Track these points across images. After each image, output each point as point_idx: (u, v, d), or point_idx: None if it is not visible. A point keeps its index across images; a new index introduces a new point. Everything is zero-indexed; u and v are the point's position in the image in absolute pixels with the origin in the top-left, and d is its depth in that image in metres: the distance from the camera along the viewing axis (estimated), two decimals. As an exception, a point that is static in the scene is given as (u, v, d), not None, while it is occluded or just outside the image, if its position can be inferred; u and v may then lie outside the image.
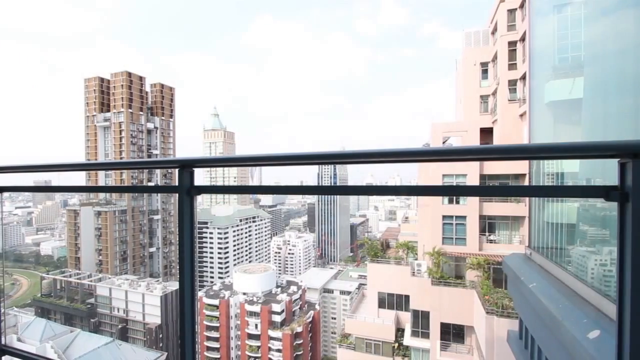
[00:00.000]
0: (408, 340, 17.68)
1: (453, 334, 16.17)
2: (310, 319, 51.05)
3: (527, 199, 10.80)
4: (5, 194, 1.69)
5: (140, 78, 71.16)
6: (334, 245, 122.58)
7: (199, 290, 59.19)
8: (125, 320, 52.48)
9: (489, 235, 17.06)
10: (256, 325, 47.51)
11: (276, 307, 47.42)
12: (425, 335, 16.85)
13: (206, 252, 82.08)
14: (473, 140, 17.60)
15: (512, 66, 16.88)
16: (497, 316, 12.63)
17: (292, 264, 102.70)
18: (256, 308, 47.61)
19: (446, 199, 17.33)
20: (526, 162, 9.50)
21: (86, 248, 64.69)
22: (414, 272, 18.30)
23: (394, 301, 19.58)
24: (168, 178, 70.32)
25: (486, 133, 18.54)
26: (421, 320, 17.19)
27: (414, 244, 20.73)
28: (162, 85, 74.85)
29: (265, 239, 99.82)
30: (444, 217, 17.46)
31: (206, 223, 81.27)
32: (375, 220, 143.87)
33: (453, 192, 2.09)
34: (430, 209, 18.08)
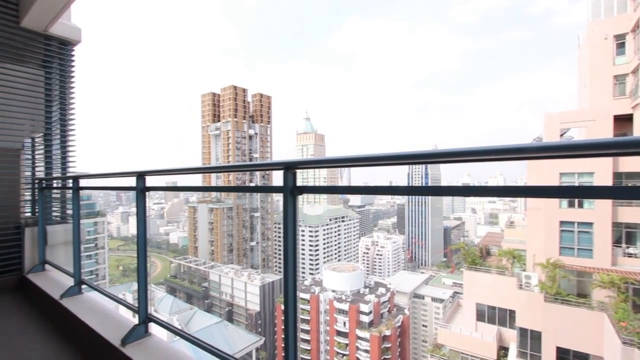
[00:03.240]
0: (514, 361, 15.61)
1: (574, 362, 13.64)
2: (399, 323, 49.41)
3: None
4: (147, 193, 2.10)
5: (244, 90, 79.82)
6: (425, 249, 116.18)
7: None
8: (231, 304, 59.39)
9: (627, 247, 13.85)
10: (344, 323, 48.25)
11: (364, 308, 47.35)
12: (536, 358, 14.62)
13: (300, 245, 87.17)
14: (603, 131, 14.52)
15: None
16: None
17: (380, 266, 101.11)
18: (344, 306, 48.37)
19: (565, 201, 14.74)
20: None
21: (202, 239, 75.69)
22: (521, 285, 16.06)
23: (495, 315, 17.53)
24: (266, 179, 76.95)
25: (622, 121, 15.11)
26: (531, 341, 14.97)
27: (521, 252, 18.17)
28: (261, 94, 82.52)
29: (354, 239, 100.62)
30: (562, 222, 14.87)
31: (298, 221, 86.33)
32: (472, 223, 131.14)
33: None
34: (543, 213, 15.61)
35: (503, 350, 16.91)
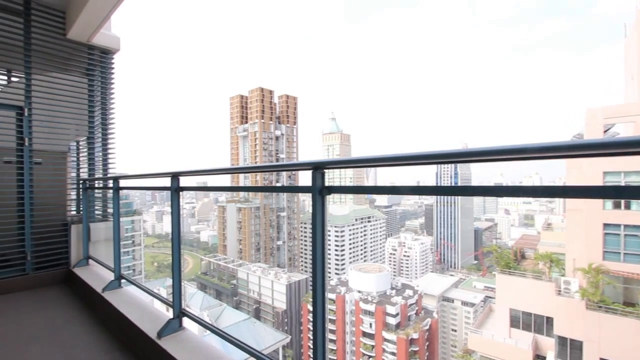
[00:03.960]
0: (552, 371, 14.76)
1: (620, 375, 12.67)
2: (428, 326, 48.21)
3: None
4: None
5: (270, 92, 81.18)
6: (454, 251, 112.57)
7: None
8: (258, 302, 60.57)
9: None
10: (370, 325, 47.77)
11: (391, 309, 46.63)
12: (577, 369, 13.74)
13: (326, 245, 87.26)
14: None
15: None
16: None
17: (407, 267, 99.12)
18: (371, 307, 47.89)
19: (609, 202, 13.75)
20: None
21: (231, 238, 77.76)
22: (559, 291, 15.15)
23: (531, 322, 16.66)
24: (292, 179, 77.76)
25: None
26: (570, 351, 14.09)
27: (560, 256, 17.14)
28: (287, 96, 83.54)
29: (380, 240, 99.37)
30: (606, 225, 13.87)
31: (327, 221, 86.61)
32: (505, 225, 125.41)
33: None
34: (584, 215, 14.64)
35: (539, 359, 16.04)
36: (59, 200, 4.07)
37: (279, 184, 79.08)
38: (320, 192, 1.27)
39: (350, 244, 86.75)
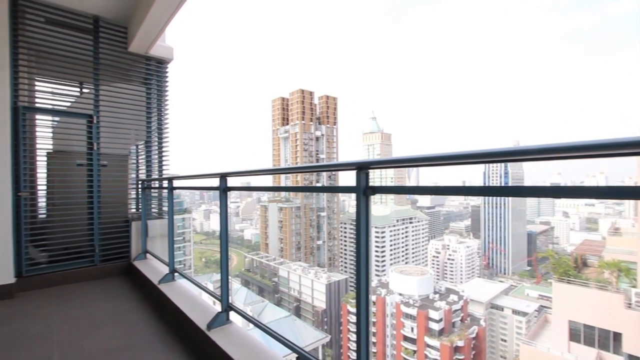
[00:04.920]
0: (619, 392, 13.27)
1: None
2: (474, 335, 45.73)
3: None
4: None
5: (311, 93, 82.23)
6: (504, 256, 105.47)
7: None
8: (298, 300, 61.57)
9: None
10: (412, 329, 46.39)
11: (433, 314, 44.92)
12: (651, 393, 12.22)
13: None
14: None
15: None
16: None
17: (452, 271, 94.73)
18: (412, 311, 46.53)
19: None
20: None
21: (272, 236, 79.96)
22: (630, 304, 13.59)
23: (594, 336, 15.12)
24: (332, 179, 78.07)
25: None
26: (643, 371, 12.57)
27: (631, 265, 15.36)
28: (327, 96, 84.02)
29: (423, 242, 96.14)
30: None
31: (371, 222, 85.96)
32: (564, 229, 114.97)
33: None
34: (660, 220, 12.96)
35: (605, 378, 14.52)
36: (122, 199, 4.48)
37: (319, 184, 79.77)
38: (364, 192, 1.26)
39: (391, 245, 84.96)
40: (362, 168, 1.26)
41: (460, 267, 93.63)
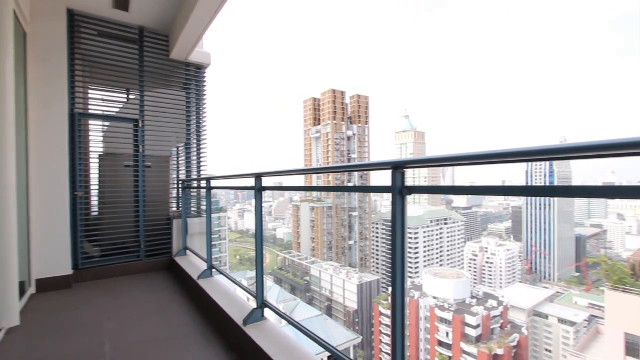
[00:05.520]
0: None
1: None
2: (515, 343, 43.27)
3: None
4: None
5: (342, 93, 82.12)
6: (549, 260, 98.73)
7: (390, 286, 61.71)
8: (330, 299, 61.69)
9: None
10: (447, 334, 44.80)
11: (470, 320, 43.07)
12: None
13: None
14: None
15: None
16: None
17: (490, 275, 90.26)
18: (447, 315, 44.93)
19: None
20: None
21: (304, 236, 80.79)
22: (698, 318, 12.20)
23: (656, 352, 13.75)
24: (364, 179, 77.46)
25: None
26: None
27: (699, 275, 13.78)
28: (359, 96, 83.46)
29: (458, 244, 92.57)
30: None
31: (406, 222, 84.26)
32: (619, 233, 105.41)
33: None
34: None
35: (668, 398, 13.16)
36: (164, 198, 4.75)
37: (350, 184, 79.41)
38: (400, 192, 1.23)
39: (425, 246, 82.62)
40: (398, 168, 1.23)
41: (499, 272, 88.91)
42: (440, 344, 45.34)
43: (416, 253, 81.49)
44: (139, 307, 3.21)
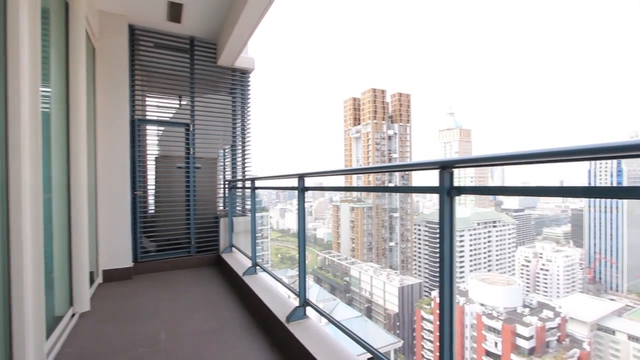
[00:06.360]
0: None
1: None
2: (575, 359, 39.55)
3: None
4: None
5: (383, 91, 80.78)
6: (616, 269, 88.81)
7: (434, 289, 59.66)
8: (370, 301, 60.94)
9: None
10: (496, 344, 42.15)
11: (522, 330, 40.15)
12: None
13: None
14: None
15: None
16: None
17: (545, 283, 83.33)
18: (496, 324, 42.29)
19: None
20: None
21: (344, 236, 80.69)
22: None
23: None
24: (405, 179, 75.53)
25: None
26: None
27: None
28: (400, 94, 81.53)
29: (509, 248, 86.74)
30: None
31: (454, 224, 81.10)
32: None
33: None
34: None
35: None
36: (212, 198, 5.03)
37: (391, 184, 77.87)
38: (448, 193, 1.18)
39: (470, 250, 78.51)
40: (446, 167, 1.18)
41: (556, 280, 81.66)
42: (488, 353, 42.78)
43: (461, 257, 77.67)
44: (190, 299, 3.43)
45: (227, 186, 4.98)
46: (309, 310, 2.40)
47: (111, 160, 4.02)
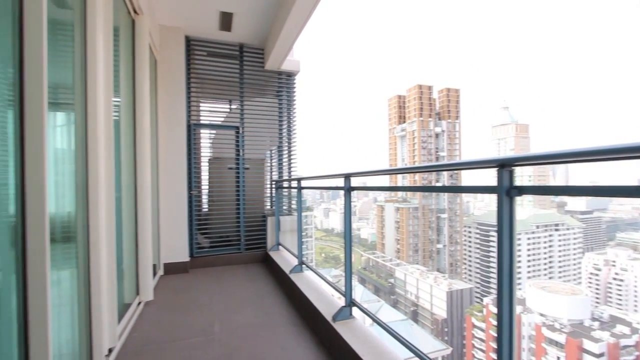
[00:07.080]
0: None
1: None
2: (658, 383, 34.73)
3: None
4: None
5: (429, 87, 77.73)
6: None
7: (486, 296, 56.16)
8: (415, 304, 59.04)
9: None
10: (558, 359, 38.46)
11: (591, 346, 36.17)
12: None
13: (493, 255, 76.26)
14: None
15: None
16: None
17: (619, 295, 74.11)
18: (559, 337, 38.58)
19: None
20: None
21: (389, 237, 79.06)
22: None
23: None
24: (454, 178, 72.03)
25: None
26: None
27: None
28: (447, 89, 77.83)
29: (574, 254, 78.66)
30: None
31: (493, 225, 75.58)
32: None
33: None
34: None
35: None
36: (260, 198, 5.23)
37: (438, 184, 74.71)
38: (507, 193, 1.09)
39: (528, 255, 72.46)
40: (505, 165, 1.09)
41: (633, 292, 72.30)
42: (550, 369, 39.21)
43: (518, 262, 71.97)
44: (241, 294, 3.60)
45: (274, 186, 5.15)
46: (354, 311, 2.40)
47: (171, 162, 4.36)
